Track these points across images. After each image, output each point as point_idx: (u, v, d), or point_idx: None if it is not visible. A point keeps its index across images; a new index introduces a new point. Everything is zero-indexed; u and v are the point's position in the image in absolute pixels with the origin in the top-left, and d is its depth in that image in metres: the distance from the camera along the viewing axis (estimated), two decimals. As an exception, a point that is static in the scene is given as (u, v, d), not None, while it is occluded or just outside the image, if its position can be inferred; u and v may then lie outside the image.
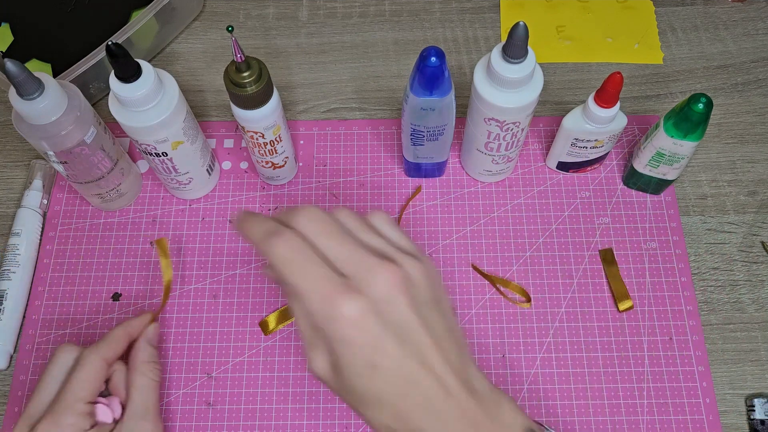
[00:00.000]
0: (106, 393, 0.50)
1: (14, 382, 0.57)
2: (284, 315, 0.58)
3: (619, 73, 0.53)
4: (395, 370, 0.37)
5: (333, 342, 0.36)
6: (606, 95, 0.54)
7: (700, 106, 0.52)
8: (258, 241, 0.38)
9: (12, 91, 0.49)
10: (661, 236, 0.61)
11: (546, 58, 0.71)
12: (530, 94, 0.52)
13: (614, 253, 0.60)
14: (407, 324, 0.37)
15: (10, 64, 0.46)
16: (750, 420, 0.55)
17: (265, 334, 0.58)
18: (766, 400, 0.55)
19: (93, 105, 0.69)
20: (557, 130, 0.60)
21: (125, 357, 0.51)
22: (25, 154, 0.67)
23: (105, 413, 0.47)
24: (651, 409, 0.55)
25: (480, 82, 0.52)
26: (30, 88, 0.48)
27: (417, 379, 0.37)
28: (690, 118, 0.53)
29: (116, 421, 0.48)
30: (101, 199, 0.60)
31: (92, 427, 0.46)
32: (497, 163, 0.60)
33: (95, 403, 0.47)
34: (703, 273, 0.60)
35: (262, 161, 0.60)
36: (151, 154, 0.56)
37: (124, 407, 0.48)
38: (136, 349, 0.50)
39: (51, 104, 0.50)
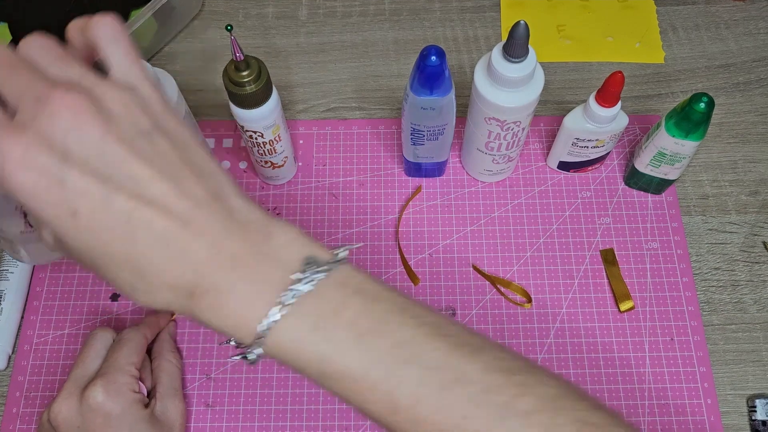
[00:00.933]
0: None
1: (12, 383, 0.56)
2: None
3: (620, 72, 0.52)
4: (102, 211, 0.30)
5: (16, 197, 0.30)
6: (607, 95, 0.54)
7: (702, 105, 0.52)
8: None
9: None
10: (663, 236, 0.61)
11: (547, 57, 0.70)
12: (531, 93, 0.51)
13: (615, 253, 0.60)
14: (104, 156, 0.30)
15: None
16: (751, 421, 0.54)
17: None
18: (767, 400, 0.55)
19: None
20: (558, 129, 0.59)
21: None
22: (23, 153, 0.66)
23: (142, 387, 0.51)
24: (652, 410, 0.55)
25: (480, 81, 0.52)
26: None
27: (137, 215, 0.30)
28: (691, 117, 0.52)
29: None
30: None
31: (136, 392, 0.49)
32: (498, 162, 0.60)
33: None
34: (705, 273, 0.60)
35: (261, 161, 0.60)
36: (149, 154, 0.55)
37: (148, 392, 0.52)
38: (161, 341, 0.55)
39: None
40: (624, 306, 0.58)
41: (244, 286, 0.31)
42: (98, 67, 0.34)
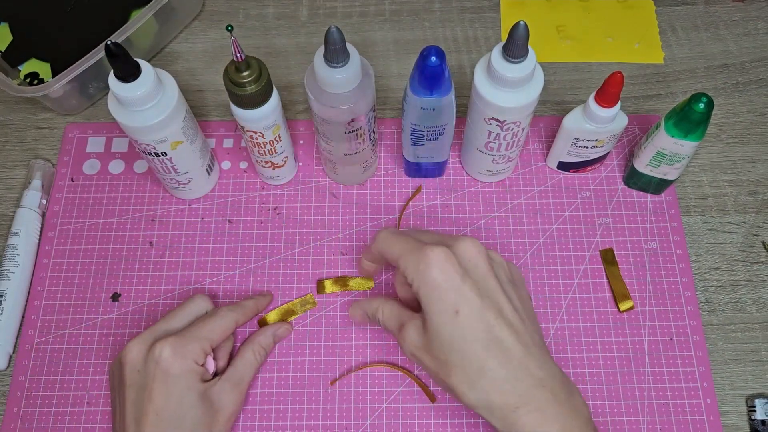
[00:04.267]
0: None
1: (13, 382, 0.56)
2: (341, 282, 0.60)
3: (619, 72, 0.53)
4: (476, 317, 0.44)
5: (421, 288, 0.44)
6: (606, 95, 0.54)
7: (701, 105, 0.52)
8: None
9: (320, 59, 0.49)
10: (662, 236, 0.61)
11: (546, 57, 0.71)
12: (530, 93, 0.52)
13: (615, 253, 0.60)
14: (487, 282, 0.45)
15: (335, 31, 0.46)
16: (751, 420, 0.55)
17: (318, 294, 0.59)
18: (766, 400, 0.55)
19: (92, 105, 0.69)
20: (557, 129, 0.60)
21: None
22: (24, 154, 0.66)
23: (210, 364, 0.52)
24: (652, 409, 0.55)
25: (480, 81, 0.52)
26: (341, 57, 0.48)
27: (497, 331, 0.44)
28: (691, 117, 0.52)
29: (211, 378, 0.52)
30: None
31: (202, 365, 0.50)
32: (497, 162, 0.60)
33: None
34: (704, 273, 0.60)
35: (261, 161, 0.60)
36: (150, 154, 0.56)
37: (217, 372, 0.52)
38: (260, 331, 0.56)
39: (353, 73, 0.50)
40: (623, 306, 0.58)
41: (564, 420, 0.43)
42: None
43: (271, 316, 0.58)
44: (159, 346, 0.48)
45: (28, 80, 0.67)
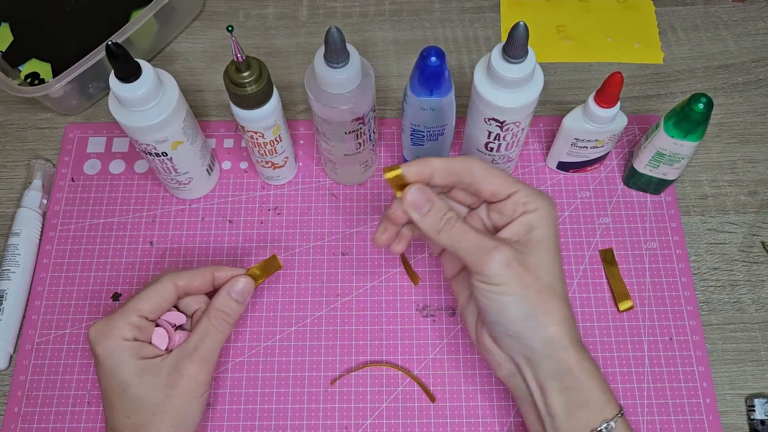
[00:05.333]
0: (187, 327, 0.51)
1: (14, 382, 0.56)
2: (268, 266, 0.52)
3: (619, 72, 0.53)
4: (560, 266, 0.48)
5: (538, 214, 0.47)
6: (606, 95, 0.54)
7: (701, 105, 0.52)
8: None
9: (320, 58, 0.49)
10: (662, 236, 0.61)
11: (546, 57, 0.71)
12: (530, 93, 0.52)
13: (614, 253, 0.60)
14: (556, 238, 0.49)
15: (335, 31, 0.46)
16: (750, 420, 0.55)
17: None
18: (766, 400, 0.55)
19: (93, 105, 0.69)
20: (557, 130, 0.60)
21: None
22: (24, 154, 0.67)
23: (160, 338, 0.48)
24: (651, 409, 0.55)
25: (480, 81, 0.52)
26: (341, 57, 0.49)
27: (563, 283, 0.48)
28: (690, 118, 0.53)
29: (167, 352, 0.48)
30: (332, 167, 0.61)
31: (135, 340, 0.47)
32: (497, 163, 0.60)
33: (158, 325, 0.49)
34: (704, 273, 0.60)
35: (262, 161, 0.60)
36: (150, 154, 0.56)
37: None
38: (216, 295, 0.50)
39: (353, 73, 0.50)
40: (623, 306, 0.58)
41: (596, 395, 0.45)
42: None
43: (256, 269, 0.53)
44: (90, 328, 0.47)
45: (28, 80, 0.67)
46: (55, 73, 0.67)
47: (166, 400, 0.47)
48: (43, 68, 0.68)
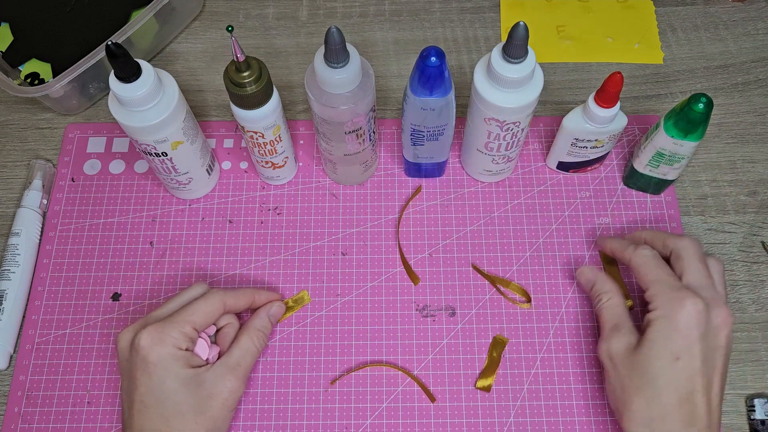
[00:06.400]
0: (213, 340, 0.54)
1: (14, 382, 0.57)
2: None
3: (619, 72, 0.53)
4: (688, 374, 0.47)
5: (660, 320, 0.48)
6: (606, 95, 0.54)
7: (701, 105, 0.52)
8: (622, 248, 0.54)
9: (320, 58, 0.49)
10: (662, 236, 0.61)
11: (546, 57, 0.71)
12: (530, 93, 0.52)
13: (614, 253, 0.60)
14: (716, 354, 0.48)
15: (335, 31, 0.47)
16: (750, 420, 0.55)
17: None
18: (766, 400, 0.55)
19: (93, 105, 0.69)
20: (557, 130, 0.60)
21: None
22: (25, 154, 0.67)
23: (202, 348, 0.51)
24: (651, 409, 0.55)
25: (480, 81, 0.52)
26: (341, 57, 0.49)
27: (697, 397, 0.47)
28: (690, 118, 0.53)
29: (207, 363, 0.51)
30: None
31: (186, 350, 0.50)
32: (497, 163, 0.60)
33: (200, 336, 0.51)
34: (704, 273, 0.60)
35: (261, 161, 0.60)
36: (150, 154, 0.56)
37: (220, 357, 0.51)
38: (254, 315, 0.55)
39: (353, 74, 0.50)
40: None
41: None
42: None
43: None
44: (138, 334, 0.49)
45: (28, 80, 0.67)
46: (55, 73, 0.67)
47: (207, 410, 0.49)
48: (43, 68, 0.68)
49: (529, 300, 0.59)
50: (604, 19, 0.73)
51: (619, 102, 0.55)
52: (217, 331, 0.54)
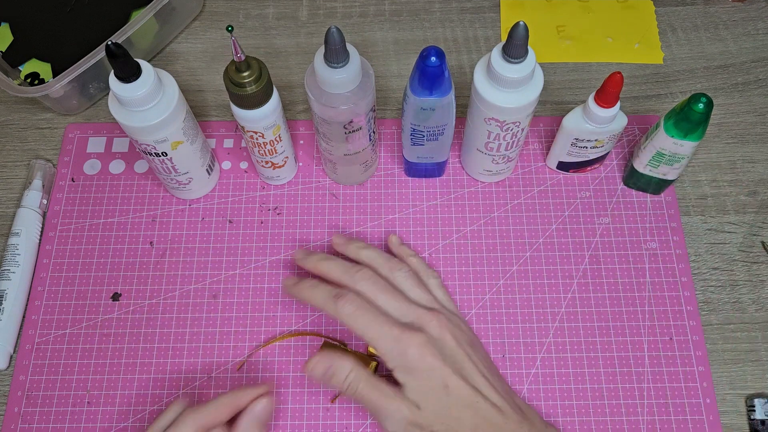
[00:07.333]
0: None
1: (14, 382, 0.57)
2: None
3: (619, 73, 0.53)
4: (461, 392, 0.47)
5: (409, 373, 0.47)
6: (606, 95, 0.54)
7: (701, 106, 0.52)
8: (323, 305, 0.49)
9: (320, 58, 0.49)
10: (662, 236, 0.61)
11: (546, 57, 0.71)
12: (530, 93, 0.52)
13: (614, 253, 0.60)
14: (458, 356, 0.49)
15: (335, 31, 0.47)
16: (750, 420, 0.55)
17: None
18: (766, 400, 0.55)
19: (93, 105, 0.69)
20: (557, 130, 0.60)
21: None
22: (25, 154, 0.67)
23: None
24: (651, 409, 0.55)
25: (480, 81, 0.52)
26: (341, 57, 0.48)
27: (477, 403, 0.47)
28: (690, 118, 0.53)
29: None
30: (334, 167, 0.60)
31: None
32: (497, 163, 0.60)
33: None
34: (704, 273, 0.60)
35: (261, 161, 0.60)
36: (150, 154, 0.56)
37: None
38: (235, 425, 0.48)
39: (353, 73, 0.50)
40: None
41: None
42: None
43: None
44: None
45: (28, 80, 0.67)
46: (55, 73, 0.67)
47: None
48: (43, 68, 0.68)
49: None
50: (604, 19, 0.73)
51: (619, 102, 0.55)
52: None
